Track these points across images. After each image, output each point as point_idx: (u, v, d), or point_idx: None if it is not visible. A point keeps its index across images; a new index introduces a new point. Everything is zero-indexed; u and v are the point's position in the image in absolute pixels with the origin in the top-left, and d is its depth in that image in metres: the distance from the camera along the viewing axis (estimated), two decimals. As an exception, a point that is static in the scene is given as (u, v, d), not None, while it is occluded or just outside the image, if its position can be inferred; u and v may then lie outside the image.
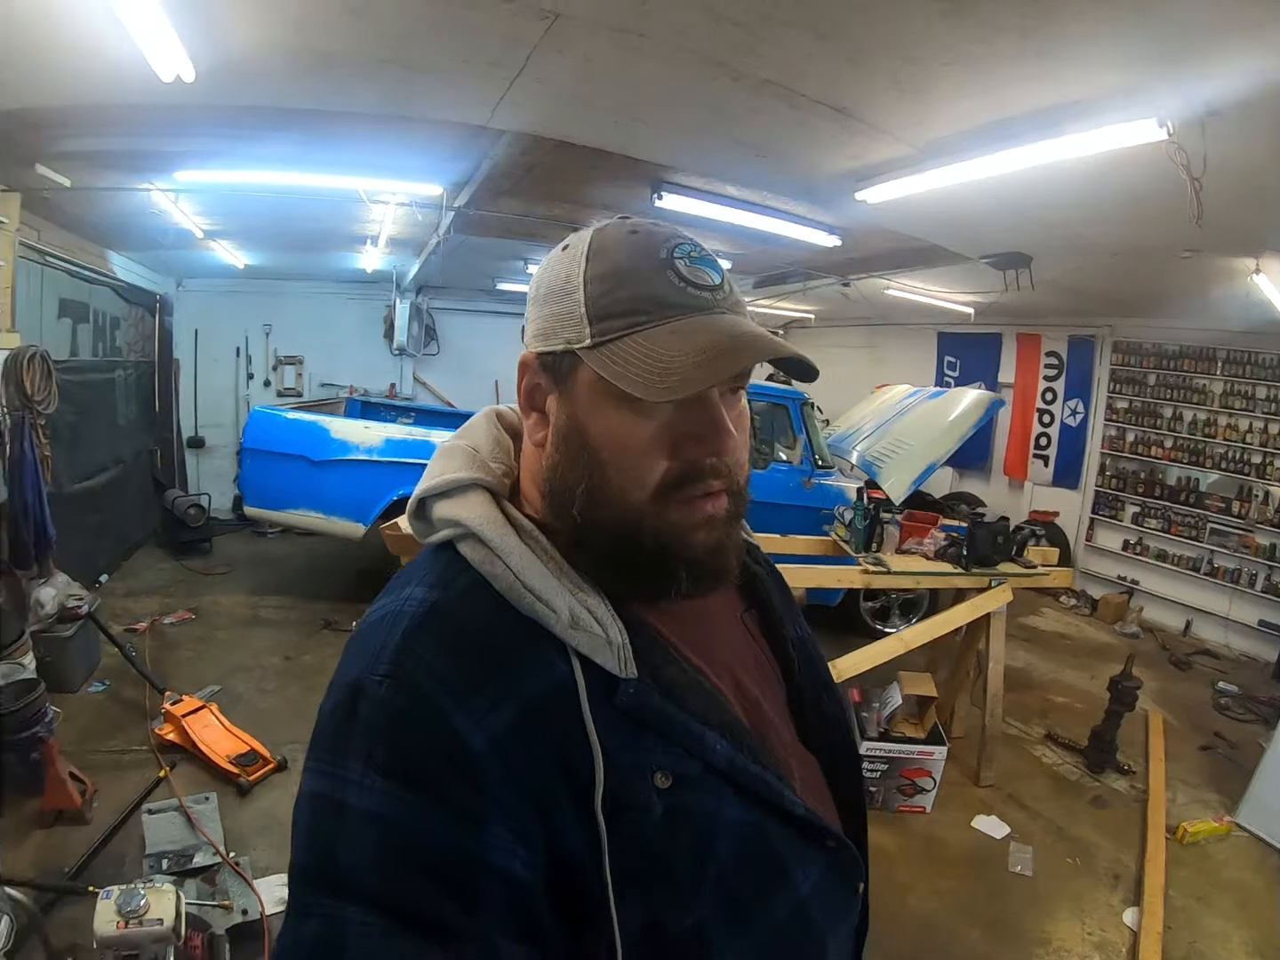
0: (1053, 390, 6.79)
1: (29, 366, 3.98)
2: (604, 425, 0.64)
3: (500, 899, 0.56)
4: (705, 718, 0.66)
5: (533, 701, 0.60)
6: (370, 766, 0.56)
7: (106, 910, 2.07)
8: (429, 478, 0.72)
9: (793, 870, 0.70)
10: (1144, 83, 2.12)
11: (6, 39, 2.22)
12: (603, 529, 0.65)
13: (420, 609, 0.63)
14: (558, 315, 0.65)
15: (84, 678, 4.08)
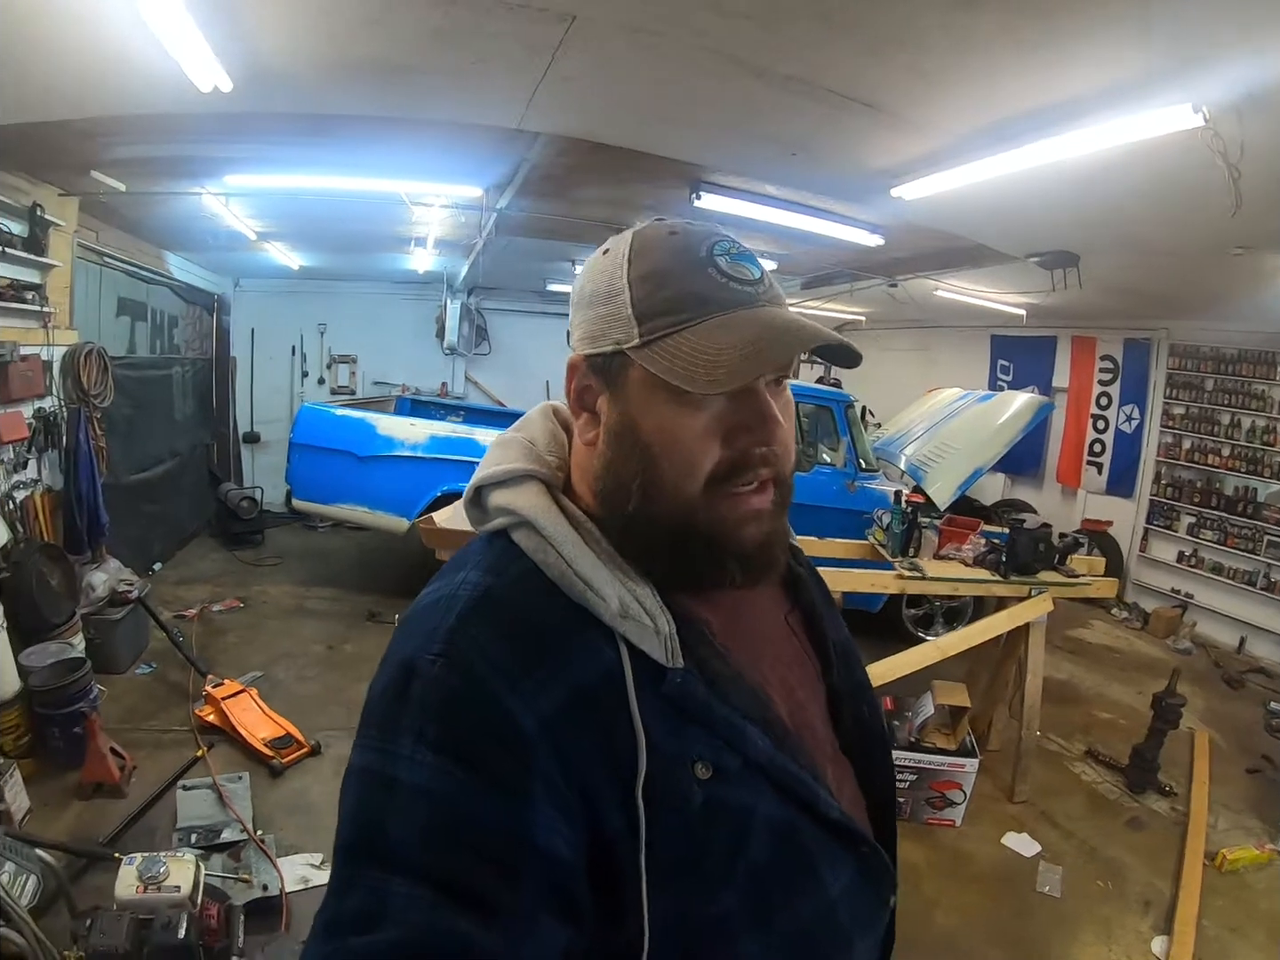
0: (1107, 395, 6.55)
1: (86, 362, 4.20)
2: (656, 420, 0.66)
3: (543, 877, 0.57)
4: (747, 713, 0.68)
5: (582, 687, 0.62)
6: (421, 743, 0.58)
7: (128, 875, 2.19)
8: (486, 467, 0.74)
9: (823, 871, 0.70)
10: (1175, 67, 2.03)
11: (58, 55, 2.34)
12: (656, 522, 0.67)
13: (475, 593, 0.65)
14: (604, 317, 0.67)
15: (132, 659, 4.27)
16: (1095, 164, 2.67)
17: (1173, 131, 2.25)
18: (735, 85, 2.56)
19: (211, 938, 2.20)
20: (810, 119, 2.79)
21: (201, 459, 7.39)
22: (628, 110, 2.97)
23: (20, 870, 2.23)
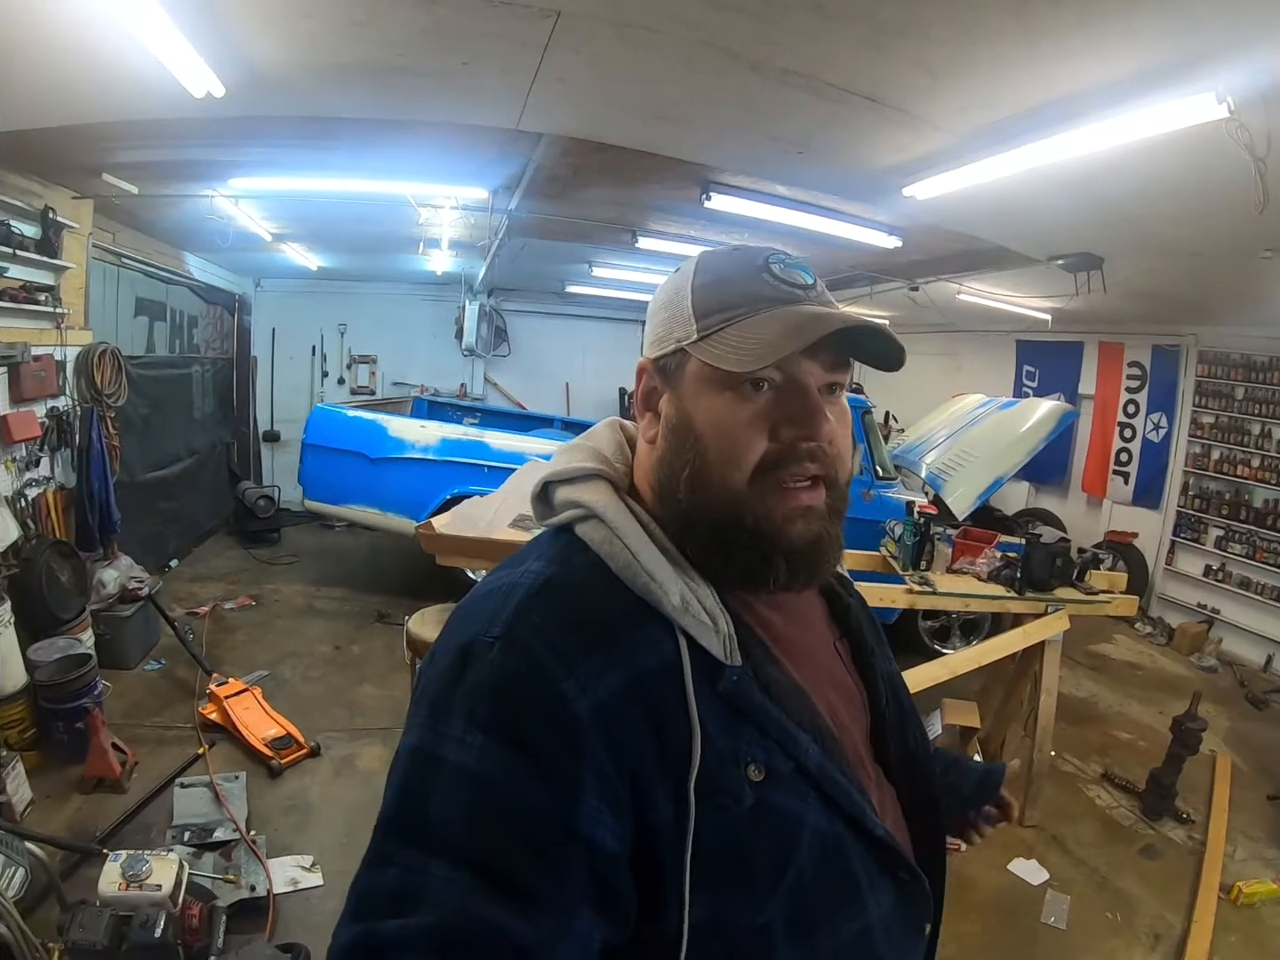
0: (1135, 403, 6.35)
1: (100, 362, 4.28)
2: (707, 410, 0.69)
3: (587, 869, 0.57)
4: (799, 721, 0.68)
5: (639, 674, 0.62)
6: (473, 724, 0.58)
7: (112, 872, 2.22)
8: (554, 465, 0.78)
9: (865, 892, 0.70)
10: (1197, 56, 1.92)
11: (59, 63, 2.37)
12: (705, 513, 0.69)
13: (537, 581, 0.67)
14: (669, 320, 0.72)
15: (141, 656, 4.33)
16: (1114, 160, 2.57)
17: (1195, 124, 2.14)
18: (732, 80, 2.50)
19: (192, 937, 2.22)
20: (813, 114, 2.72)
21: (221, 457, 7.51)
22: (625, 108, 2.93)
23: (9, 863, 2.28)
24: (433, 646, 0.69)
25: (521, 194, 4.18)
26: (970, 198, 3.23)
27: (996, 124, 2.55)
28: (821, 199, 3.95)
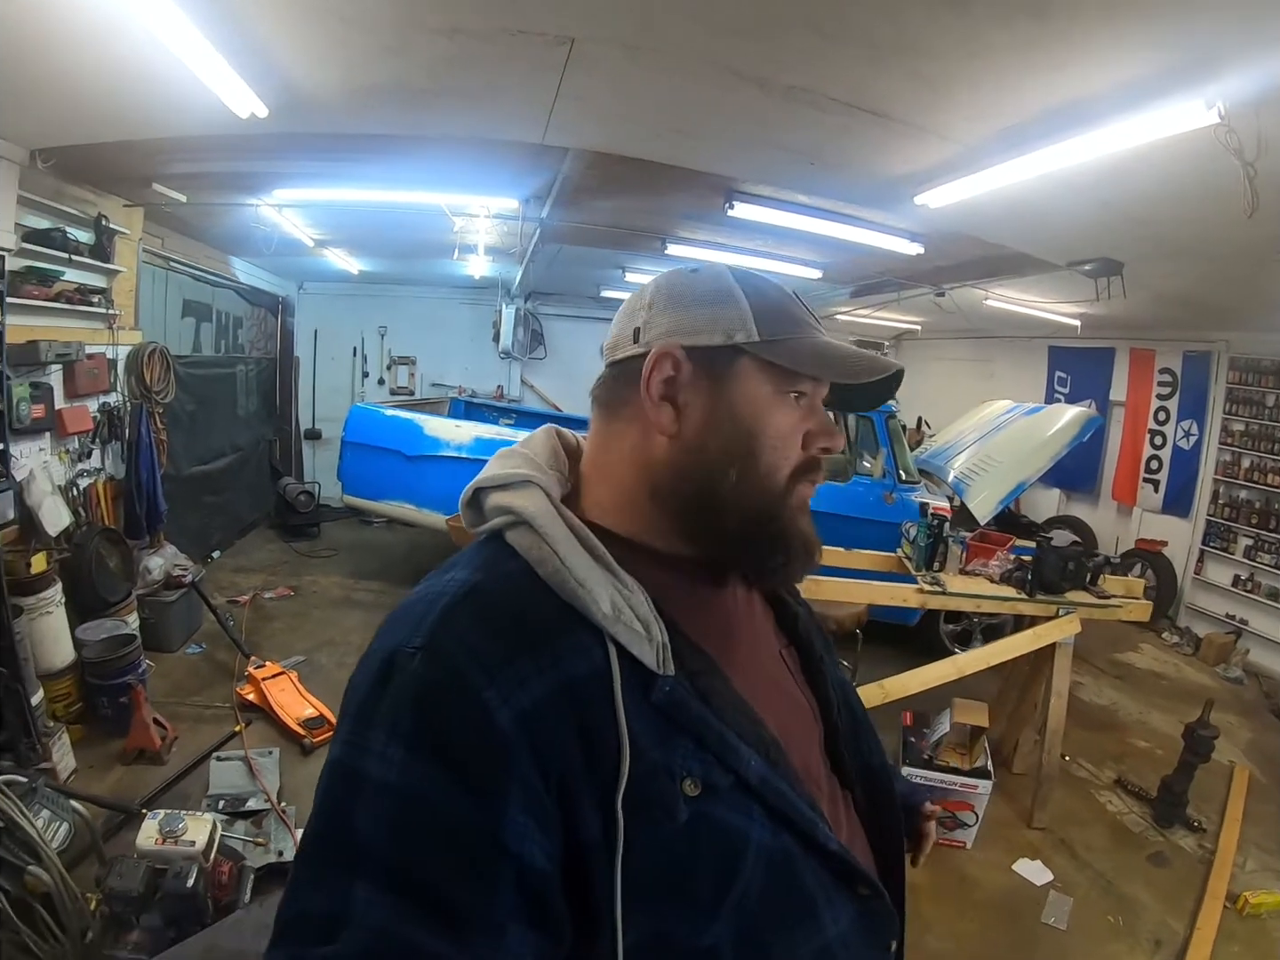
0: (1166, 410, 6.25)
1: (149, 360, 4.53)
2: (760, 411, 0.71)
3: (516, 884, 0.55)
4: (740, 732, 0.66)
5: (564, 683, 0.60)
6: (394, 738, 0.56)
7: (150, 828, 2.40)
8: (486, 472, 0.76)
9: (820, 910, 0.68)
10: (1186, 62, 1.96)
11: (115, 84, 2.57)
12: (743, 505, 0.71)
13: (461, 589, 0.64)
14: (715, 316, 0.72)
15: (183, 639, 4.56)
16: (1116, 166, 2.60)
17: (1187, 130, 2.17)
18: (740, 97, 2.59)
19: (221, 892, 2.37)
20: (820, 128, 2.80)
21: (263, 454, 7.76)
22: (642, 124, 3.03)
23: (54, 818, 2.46)
24: (362, 654, 0.67)
25: (552, 203, 4.31)
26: (983, 204, 3.25)
27: (1001, 132, 2.59)
28: (842, 207, 4.00)
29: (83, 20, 2.08)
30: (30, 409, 3.59)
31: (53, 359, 3.73)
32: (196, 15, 2.01)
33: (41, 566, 3.43)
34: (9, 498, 3.48)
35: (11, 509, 3.50)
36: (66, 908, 2.16)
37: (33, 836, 2.19)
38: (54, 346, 3.70)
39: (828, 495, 5.04)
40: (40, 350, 3.61)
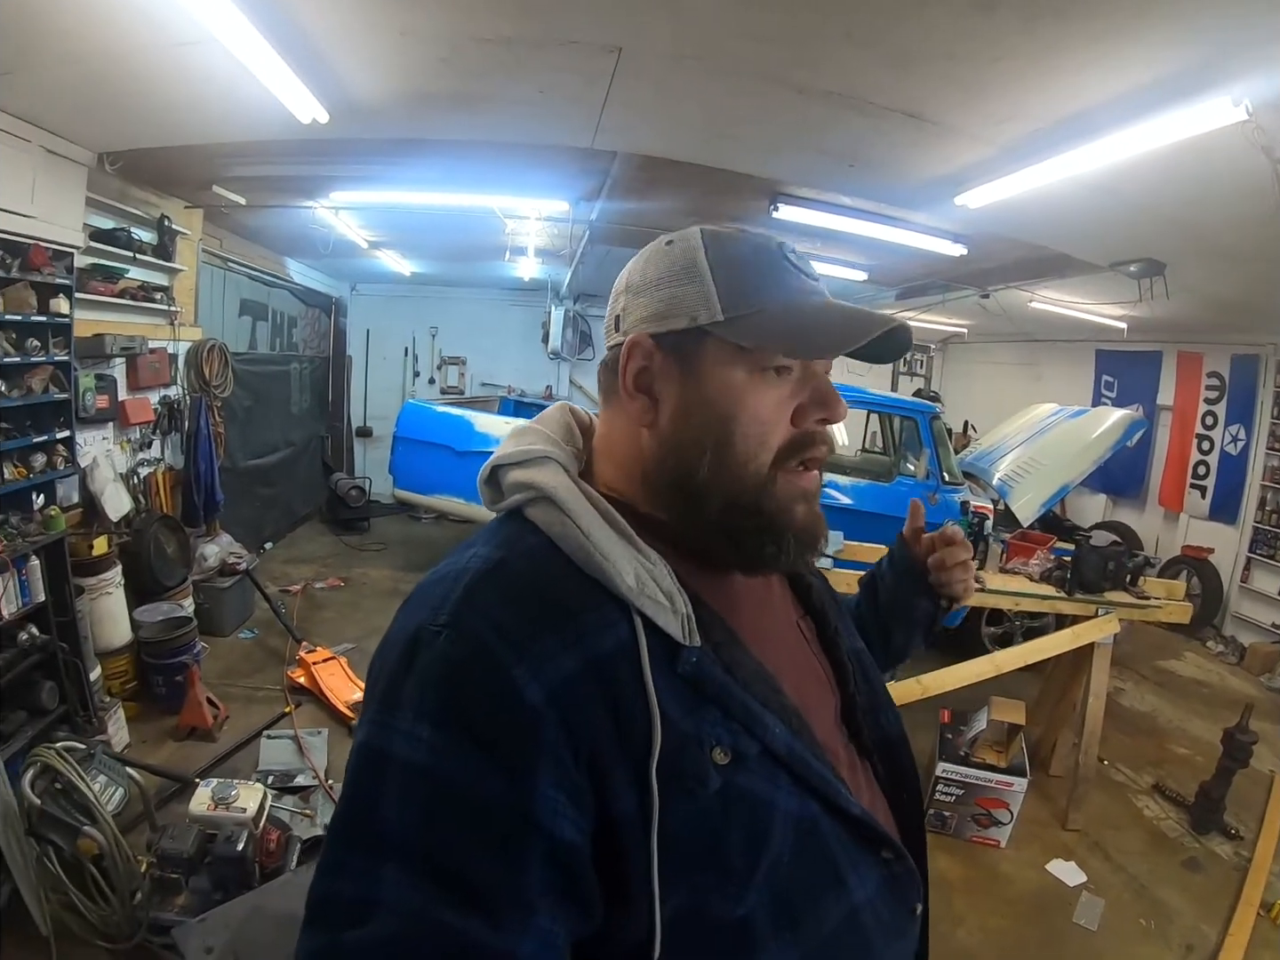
0: (1213, 414, 6.12)
1: (208, 356, 4.73)
2: (732, 394, 0.67)
3: (546, 859, 0.55)
4: (764, 702, 0.66)
5: (593, 657, 0.60)
6: (421, 717, 0.56)
7: (203, 795, 2.51)
8: (504, 449, 0.74)
9: (846, 874, 0.68)
10: (1211, 60, 1.98)
11: (182, 92, 2.72)
12: (722, 495, 0.67)
13: (485, 565, 0.64)
14: (680, 297, 0.68)
15: (236, 625, 4.75)
16: (1151, 167, 2.62)
17: (1216, 128, 2.18)
18: (780, 102, 2.67)
19: (268, 859, 2.46)
20: (858, 131, 2.85)
21: (316, 449, 8.00)
22: (688, 129, 3.12)
23: (110, 783, 2.60)
24: (383, 636, 0.66)
25: (601, 205, 4.41)
26: (1023, 205, 3.27)
27: (1033, 134, 2.62)
28: (885, 208, 4.03)
29: (153, 30, 2.22)
30: (95, 399, 3.80)
31: (117, 352, 3.94)
32: (265, 27, 2.14)
33: (103, 549, 3.62)
34: (73, 483, 3.69)
35: (76, 493, 3.72)
36: (118, 869, 2.25)
37: (89, 798, 2.31)
38: (118, 340, 3.90)
39: (871, 495, 5.08)
40: (105, 344, 3.81)
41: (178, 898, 2.31)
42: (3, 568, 2.77)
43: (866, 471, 5.67)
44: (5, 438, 3.16)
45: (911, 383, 10.09)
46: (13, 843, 2.23)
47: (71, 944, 2.29)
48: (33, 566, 2.97)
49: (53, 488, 3.50)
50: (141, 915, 2.26)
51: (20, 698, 2.90)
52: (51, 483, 3.48)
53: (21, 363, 3.21)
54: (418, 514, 7.66)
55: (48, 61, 2.47)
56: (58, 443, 3.48)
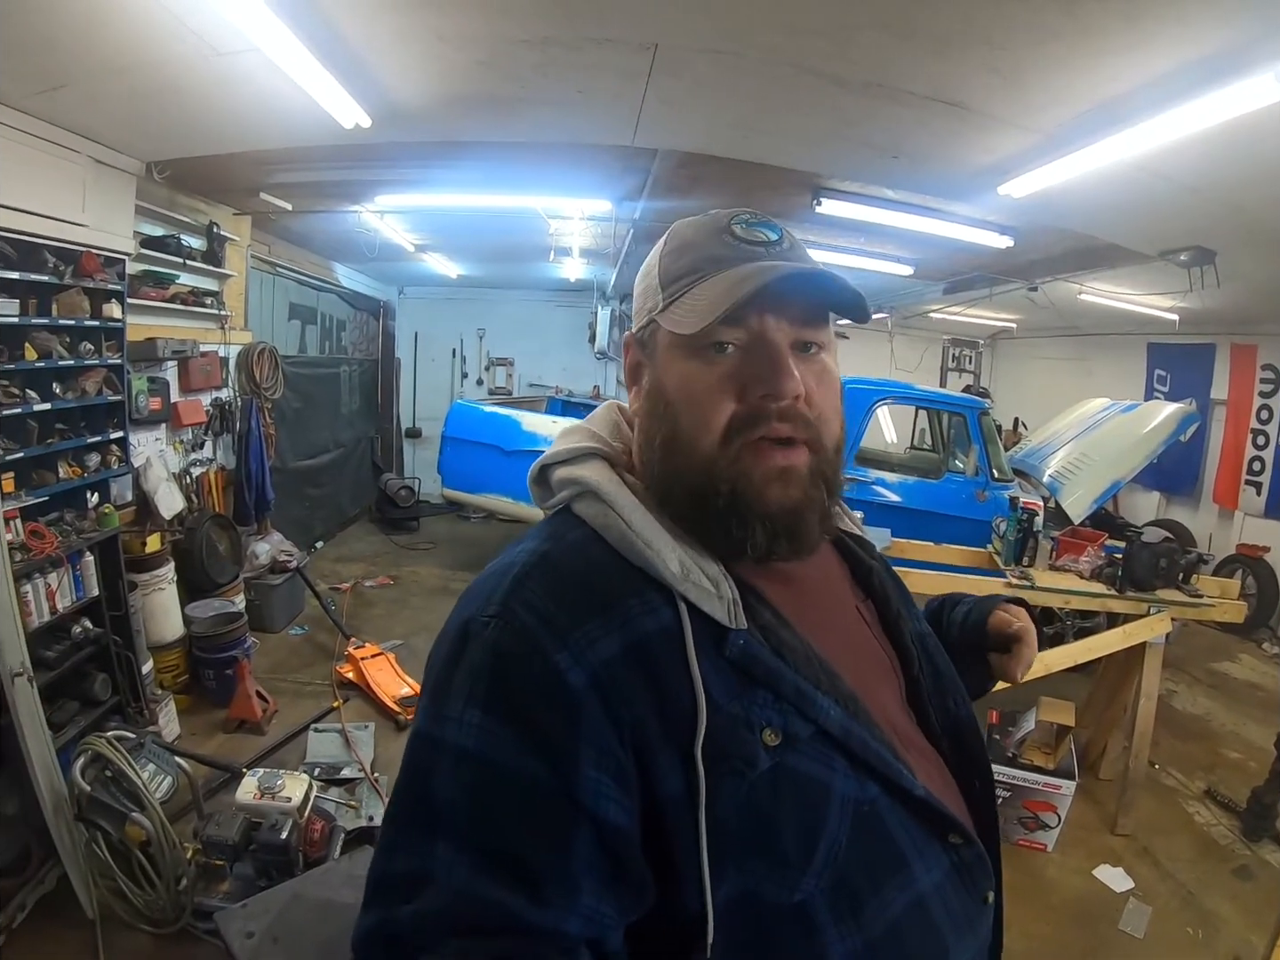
0: (1269, 408, 5.89)
1: (259, 359, 4.87)
2: (676, 377, 0.68)
3: (592, 841, 0.56)
4: (816, 683, 0.66)
5: (636, 640, 0.61)
6: (470, 704, 0.58)
7: (249, 784, 2.58)
8: (553, 449, 0.76)
9: (911, 861, 0.67)
10: (1252, 37, 1.91)
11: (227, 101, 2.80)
12: (680, 479, 0.68)
13: (531, 558, 0.66)
14: (644, 292, 0.73)
15: (286, 621, 4.87)
16: (1199, 149, 2.54)
17: (1262, 106, 2.11)
18: (819, 95, 2.66)
19: (313, 848, 2.51)
20: (900, 122, 2.83)
21: (365, 450, 8.16)
22: (727, 124, 3.11)
23: (159, 771, 2.70)
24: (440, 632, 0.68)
25: (643, 204, 4.43)
26: (1069, 193, 3.20)
27: (1078, 118, 2.56)
28: (929, 201, 3.98)
29: (195, 41, 2.29)
30: (148, 401, 3.93)
31: (169, 355, 4.07)
32: (306, 36, 2.20)
33: (156, 546, 3.74)
34: (127, 481, 3.82)
35: (129, 492, 3.85)
36: (164, 855, 2.33)
37: (138, 785, 2.38)
38: (170, 344, 4.03)
39: (920, 492, 5.06)
40: (158, 347, 3.94)
41: (222, 884, 2.38)
42: (57, 563, 2.86)
43: (915, 468, 5.62)
44: (60, 438, 3.29)
45: (960, 379, 9.94)
46: (62, 828, 2.31)
47: (117, 928, 2.36)
48: (86, 562, 3.07)
49: (107, 486, 3.62)
50: (186, 900, 2.33)
51: (73, 689, 3.00)
52: (105, 482, 3.60)
53: (75, 366, 3.34)
54: (466, 513, 7.75)
55: (95, 74, 2.56)
56: (111, 443, 3.61)
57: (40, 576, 2.79)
